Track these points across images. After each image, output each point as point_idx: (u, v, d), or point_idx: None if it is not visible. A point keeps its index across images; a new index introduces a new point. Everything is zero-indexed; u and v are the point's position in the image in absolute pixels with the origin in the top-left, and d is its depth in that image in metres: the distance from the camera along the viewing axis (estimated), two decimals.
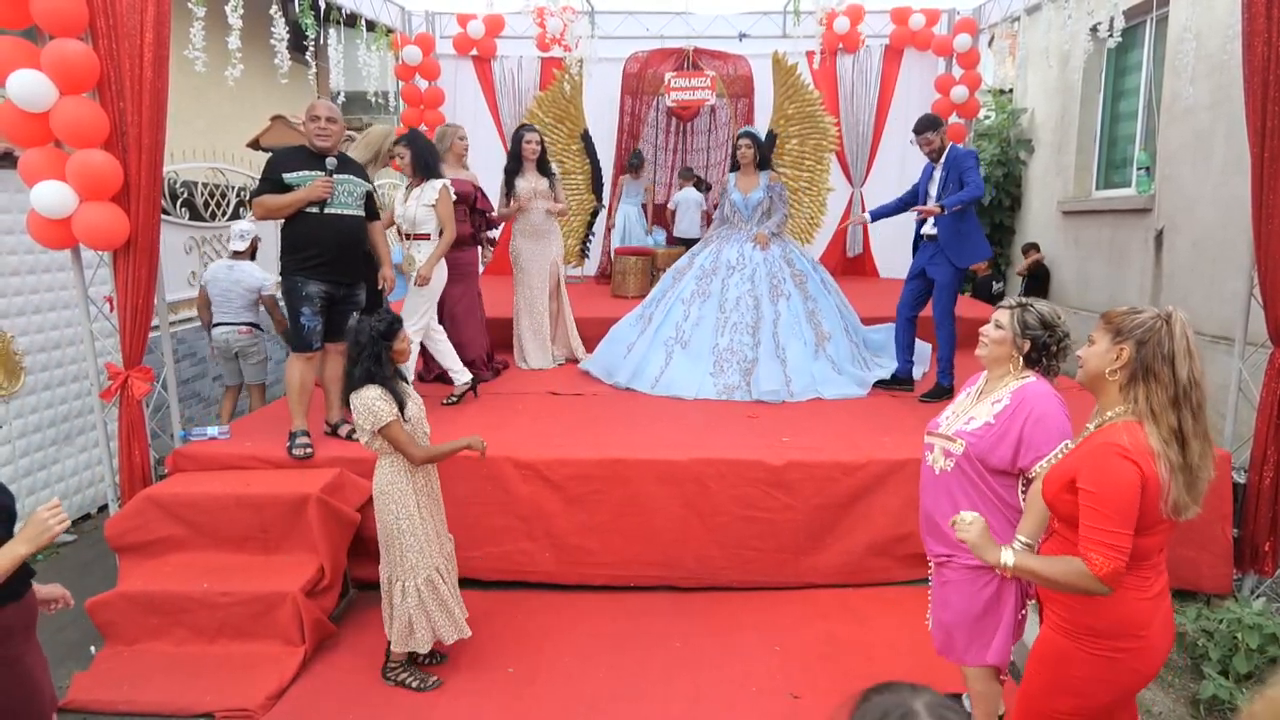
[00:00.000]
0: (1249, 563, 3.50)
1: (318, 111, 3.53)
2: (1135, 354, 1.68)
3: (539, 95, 7.13)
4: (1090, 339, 1.80)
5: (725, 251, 4.94)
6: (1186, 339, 1.67)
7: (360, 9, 6.37)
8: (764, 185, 4.86)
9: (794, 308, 4.81)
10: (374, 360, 2.71)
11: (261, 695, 2.84)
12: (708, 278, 4.91)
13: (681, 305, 4.90)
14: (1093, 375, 1.77)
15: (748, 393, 4.57)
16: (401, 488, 2.78)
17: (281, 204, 3.50)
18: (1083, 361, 1.79)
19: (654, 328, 4.90)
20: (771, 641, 3.15)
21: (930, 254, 4.47)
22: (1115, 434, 1.68)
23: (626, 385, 4.76)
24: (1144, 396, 1.67)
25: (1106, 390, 1.75)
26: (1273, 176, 3.17)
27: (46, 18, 3.03)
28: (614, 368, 4.90)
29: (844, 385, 4.67)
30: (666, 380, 4.68)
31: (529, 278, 5.14)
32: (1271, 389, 3.36)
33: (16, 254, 4.18)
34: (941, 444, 2.25)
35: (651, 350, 4.83)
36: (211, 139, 6.73)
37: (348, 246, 3.66)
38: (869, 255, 7.98)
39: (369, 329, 2.72)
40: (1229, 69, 4.59)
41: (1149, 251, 6.02)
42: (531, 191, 4.99)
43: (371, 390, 2.69)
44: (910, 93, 7.51)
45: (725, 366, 4.67)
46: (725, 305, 4.79)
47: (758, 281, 4.81)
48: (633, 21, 7.52)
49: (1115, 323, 1.73)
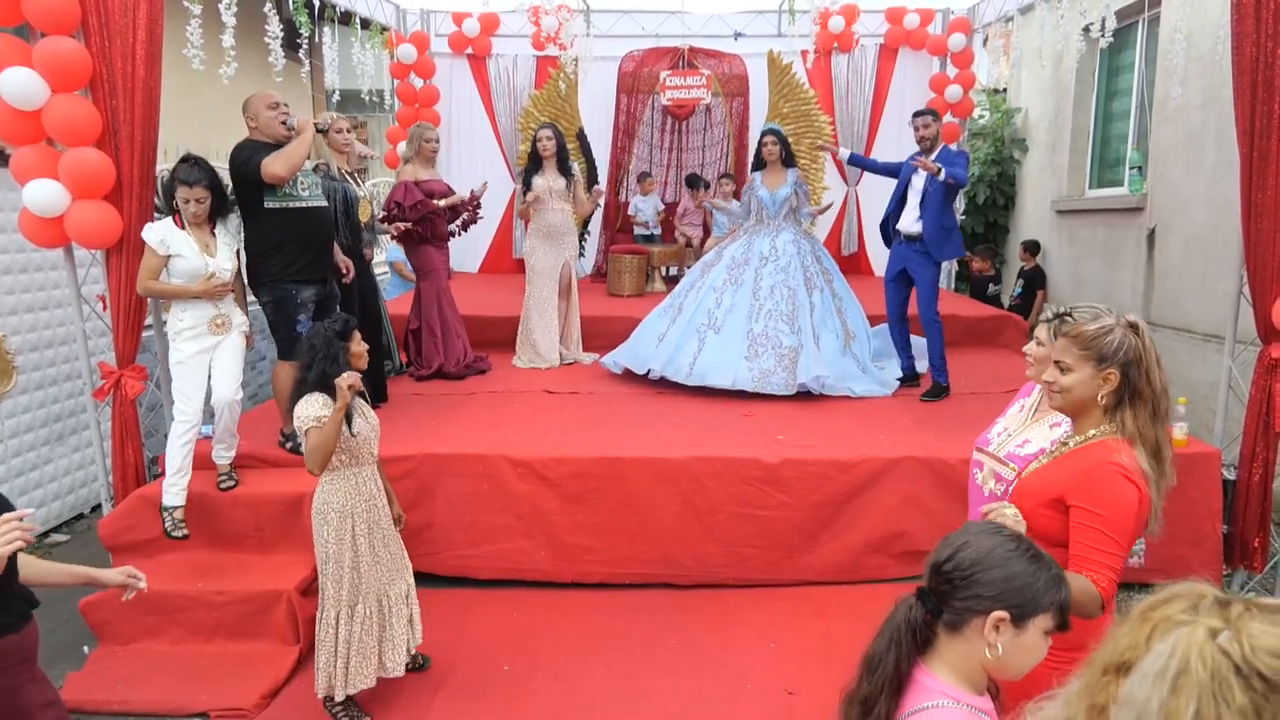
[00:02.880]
0: (1239, 559, 3.53)
1: (275, 98, 3.45)
2: (1123, 378, 1.62)
3: (534, 94, 7.12)
4: (1061, 365, 1.67)
5: (756, 243, 4.86)
6: (1154, 347, 1.63)
7: (355, 7, 6.34)
8: (792, 182, 4.83)
9: (826, 301, 4.78)
10: (331, 362, 2.51)
11: (256, 694, 2.84)
12: (739, 268, 4.82)
13: (714, 293, 4.80)
14: (1080, 403, 1.67)
15: (790, 377, 4.44)
16: (338, 508, 2.57)
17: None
18: (1060, 389, 1.68)
19: (685, 316, 4.80)
20: (768, 638, 3.16)
21: (909, 253, 4.51)
22: (1111, 453, 1.61)
23: (660, 374, 4.64)
24: (1131, 419, 1.62)
25: (1090, 413, 1.68)
26: (1261, 176, 3.19)
27: (38, 15, 3.02)
28: (646, 357, 4.79)
29: (871, 384, 4.62)
30: (701, 368, 4.55)
31: (541, 277, 5.09)
32: (1261, 386, 3.39)
33: (8, 252, 4.16)
34: (991, 465, 2.11)
35: (684, 338, 4.72)
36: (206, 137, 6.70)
37: (324, 241, 3.65)
38: (864, 254, 7.99)
39: (323, 331, 2.56)
40: (1220, 70, 4.62)
41: (1141, 251, 6.06)
42: (548, 190, 4.96)
43: (314, 397, 2.50)
44: (905, 92, 7.52)
45: (760, 351, 4.56)
46: (759, 293, 4.70)
47: (792, 272, 4.74)
48: (628, 20, 7.52)
49: (1093, 347, 1.63)
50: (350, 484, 2.61)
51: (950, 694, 1.20)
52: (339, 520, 2.57)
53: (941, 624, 1.23)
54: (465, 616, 3.30)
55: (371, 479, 2.67)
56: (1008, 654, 1.19)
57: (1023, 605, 1.19)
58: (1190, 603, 0.77)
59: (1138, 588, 3.57)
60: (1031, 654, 1.22)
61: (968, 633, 1.20)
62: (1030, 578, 1.20)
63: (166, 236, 3.17)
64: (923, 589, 1.25)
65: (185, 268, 3.20)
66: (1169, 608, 0.78)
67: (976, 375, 4.78)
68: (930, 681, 1.21)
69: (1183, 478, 3.37)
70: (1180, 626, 0.74)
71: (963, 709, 1.19)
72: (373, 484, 2.67)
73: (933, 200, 4.35)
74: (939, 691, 1.20)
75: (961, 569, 1.21)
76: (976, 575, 1.20)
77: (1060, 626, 1.22)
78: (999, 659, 1.19)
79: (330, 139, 4.23)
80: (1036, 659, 1.22)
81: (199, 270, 3.20)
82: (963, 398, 4.49)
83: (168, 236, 3.18)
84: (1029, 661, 1.22)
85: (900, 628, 1.23)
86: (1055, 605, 1.21)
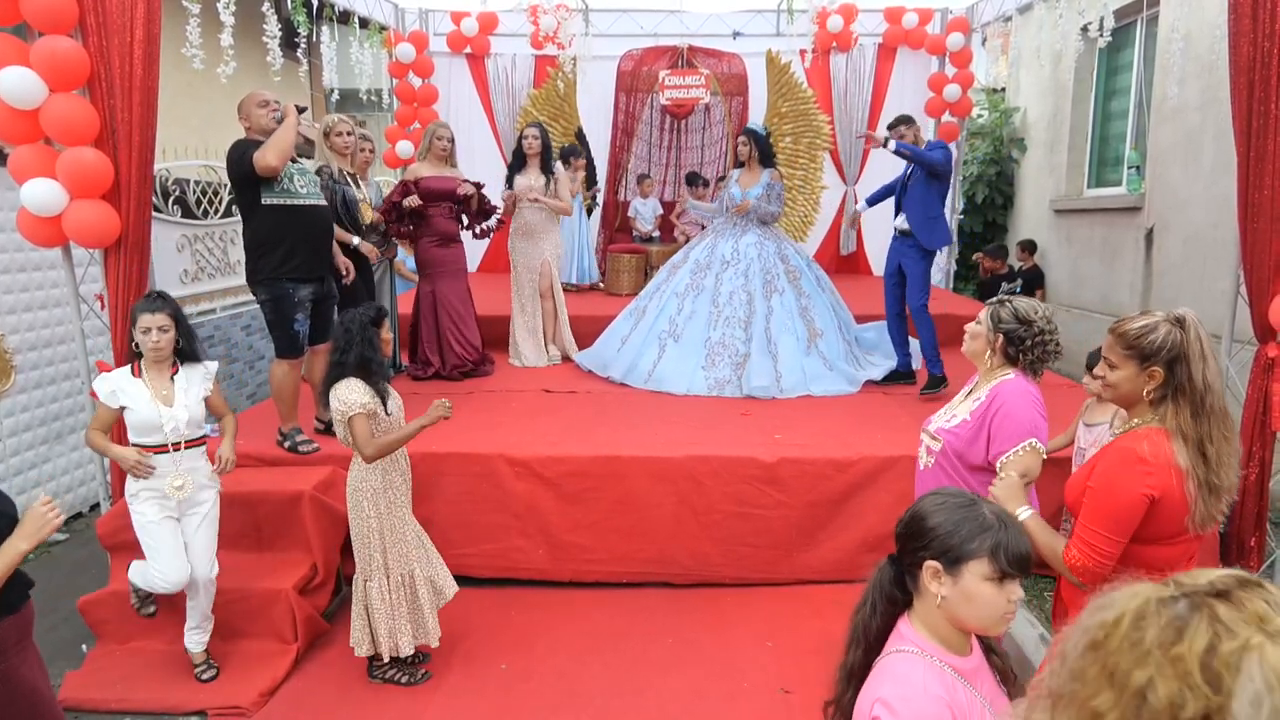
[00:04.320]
0: (1235, 558, 3.53)
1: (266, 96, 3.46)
2: (1168, 374, 1.65)
3: (533, 93, 7.12)
4: (1108, 361, 1.75)
5: (720, 246, 4.94)
6: (1201, 342, 1.65)
7: (353, 6, 6.34)
8: (764, 182, 4.86)
9: (787, 303, 4.83)
10: (368, 345, 2.71)
11: (254, 693, 2.84)
12: (702, 272, 4.92)
13: (675, 299, 4.91)
14: (1127, 398, 1.74)
15: (739, 388, 4.59)
16: (374, 485, 2.76)
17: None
18: (1110, 386, 1.75)
19: (648, 321, 4.92)
20: (764, 637, 3.17)
21: (900, 248, 4.57)
22: (1136, 441, 1.66)
23: (621, 380, 4.77)
24: (1173, 415, 1.66)
25: (1138, 406, 1.74)
26: (1258, 176, 3.19)
27: (36, 14, 3.02)
28: (608, 361, 4.92)
29: (834, 382, 4.69)
30: (659, 375, 4.70)
31: (521, 276, 5.16)
32: (1257, 385, 3.39)
33: (6, 252, 4.16)
34: (927, 441, 2.29)
35: (645, 344, 4.84)
36: (205, 136, 6.70)
37: (322, 239, 3.66)
38: (862, 253, 8.00)
39: (358, 318, 2.73)
40: (1218, 69, 4.62)
41: (1140, 250, 6.06)
42: (526, 189, 4.99)
43: (354, 382, 2.69)
44: (903, 91, 7.53)
45: (717, 360, 4.69)
46: (719, 300, 4.81)
47: (751, 277, 4.82)
48: (627, 19, 7.52)
49: (1137, 346, 1.68)
50: (387, 461, 2.77)
51: (917, 644, 1.26)
52: (373, 496, 2.76)
53: (910, 583, 1.31)
54: (463, 615, 3.30)
55: (403, 456, 2.89)
56: (956, 604, 1.24)
57: (948, 552, 1.24)
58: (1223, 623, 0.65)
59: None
60: (980, 603, 1.23)
61: (922, 587, 1.27)
62: (954, 526, 1.25)
63: (119, 387, 2.73)
64: (892, 553, 1.35)
65: (134, 420, 2.73)
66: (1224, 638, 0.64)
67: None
68: (906, 630, 1.29)
69: None
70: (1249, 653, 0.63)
71: (924, 658, 1.24)
72: (405, 461, 2.90)
73: (915, 190, 4.40)
74: (908, 639, 1.27)
75: (904, 526, 1.31)
76: (913, 530, 1.29)
77: (1005, 574, 1.21)
78: (952, 610, 1.24)
79: (331, 141, 4.23)
80: (990, 609, 1.23)
81: (151, 421, 2.72)
82: None
83: (120, 387, 2.74)
84: (983, 613, 1.23)
85: (874, 589, 1.33)
86: (987, 551, 1.21)
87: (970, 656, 1.28)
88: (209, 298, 5.57)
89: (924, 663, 1.23)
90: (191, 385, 2.83)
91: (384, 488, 2.78)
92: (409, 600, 2.83)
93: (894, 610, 1.32)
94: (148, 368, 2.77)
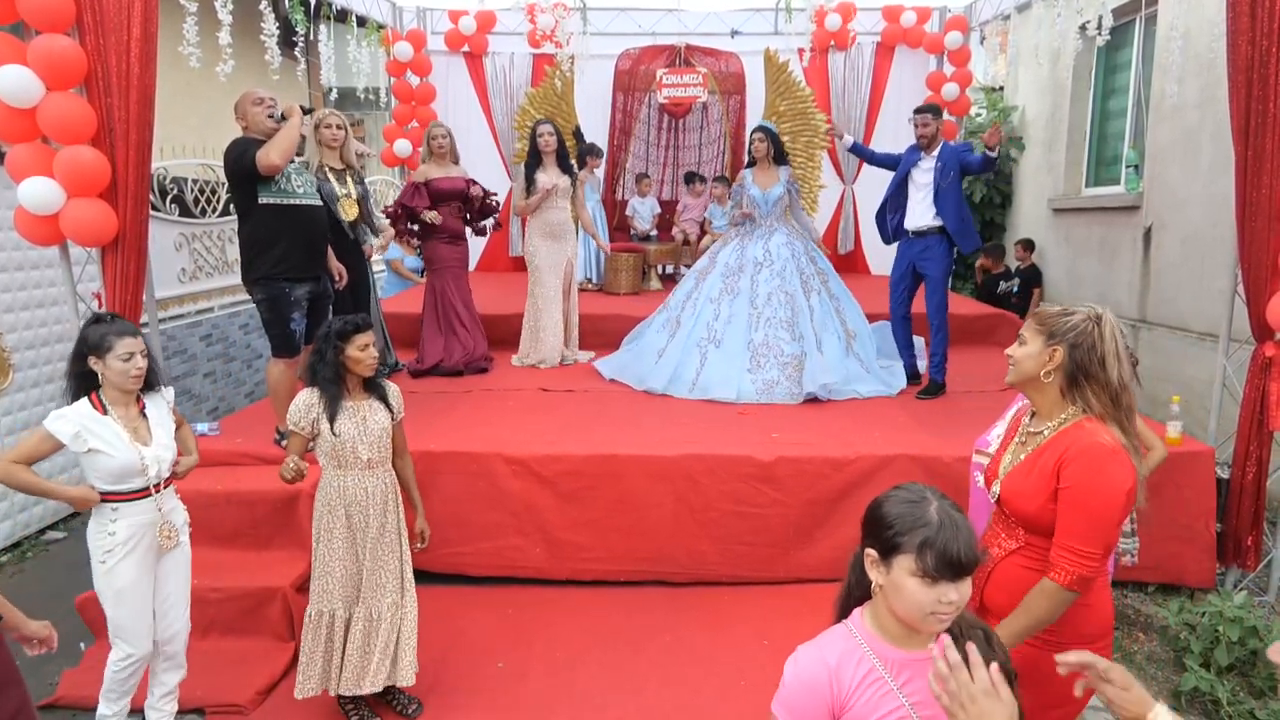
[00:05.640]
0: (1232, 557, 3.54)
1: (261, 94, 3.46)
2: (1068, 356, 1.67)
3: (531, 92, 7.11)
4: (1021, 338, 1.78)
5: (750, 248, 4.82)
6: (1115, 341, 1.67)
7: (351, 4, 6.34)
8: (784, 180, 4.79)
9: (824, 303, 4.76)
10: (318, 356, 2.49)
11: (252, 691, 2.85)
12: (734, 275, 4.80)
13: (711, 304, 4.78)
14: (1026, 376, 1.75)
15: (795, 387, 4.43)
16: (319, 508, 2.56)
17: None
18: (1014, 361, 1.78)
19: (685, 331, 4.77)
20: (761, 636, 3.17)
21: (920, 249, 4.47)
22: (1090, 435, 1.64)
23: (663, 391, 4.58)
24: (1092, 400, 1.66)
25: (1044, 392, 1.73)
26: (1256, 175, 3.20)
27: (33, 13, 3.01)
28: (645, 375, 4.73)
29: (875, 384, 4.59)
30: (704, 383, 4.54)
31: (544, 276, 5.05)
32: (1255, 385, 3.40)
33: (4, 250, 4.16)
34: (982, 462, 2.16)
35: (685, 354, 4.69)
36: (202, 135, 6.70)
37: (318, 239, 3.66)
38: (860, 253, 8.00)
39: (329, 326, 2.53)
40: (1216, 68, 4.62)
41: (1138, 249, 6.07)
42: (552, 186, 4.91)
43: (307, 394, 2.51)
44: (901, 90, 7.53)
45: (763, 362, 4.56)
46: (756, 301, 4.69)
47: (788, 277, 4.72)
48: (624, 18, 7.52)
49: (1048, 325, 1.72)
50: (333, 486, 2.54)
51: (854, 624, 1.34)
52: (318, 521, 2.57)
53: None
54: (459, 614, 3.31)
55: (358, 484, 2.53)
56: (889, 594, 1.28)
57: (883, 542, 1.28)
58: None
59: (1132, 586, 3.59)
60: (904, 596, 1.24)
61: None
62: (893, 518, 1.27)
63: (85, 428, 2.24)
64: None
65: (112, 466, 2.26)
66: None
67: (972, 373, 4.79)
68: (855, 611, 1.36)
69: (1177, 476, 3.42)
70: None
71: (849, 636, 1.32)
72: (360, 490, 2.53)
73: (951, 193, 4.31)
74: (851, 618, 1.35)
75: (865, 513, 1.35)
76: (867, 516, 1.34)
77: (930, 574, 1.21)
78: (887, 599, 1.28)
79: (319, 133, 4.23)
80: (916, 605, 1.24)
81: (130, 466, 2.28)
82: (958, 396, 4.50)
83: (85, 427, 2.24)
84: (909, 607, 1.25)
85: (851, 570, 1.40)
86: (915, 548, 1.23)
87: (914, 651, 1.29)
88: (207, 296, 5.57)
89: (844, 637, 1.33)
90: (162, 417, 2.44)
91: (324, 513, 2.57)
92: (325, 640, 2.57)
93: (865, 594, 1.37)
94: (113, 403, 2.31)
